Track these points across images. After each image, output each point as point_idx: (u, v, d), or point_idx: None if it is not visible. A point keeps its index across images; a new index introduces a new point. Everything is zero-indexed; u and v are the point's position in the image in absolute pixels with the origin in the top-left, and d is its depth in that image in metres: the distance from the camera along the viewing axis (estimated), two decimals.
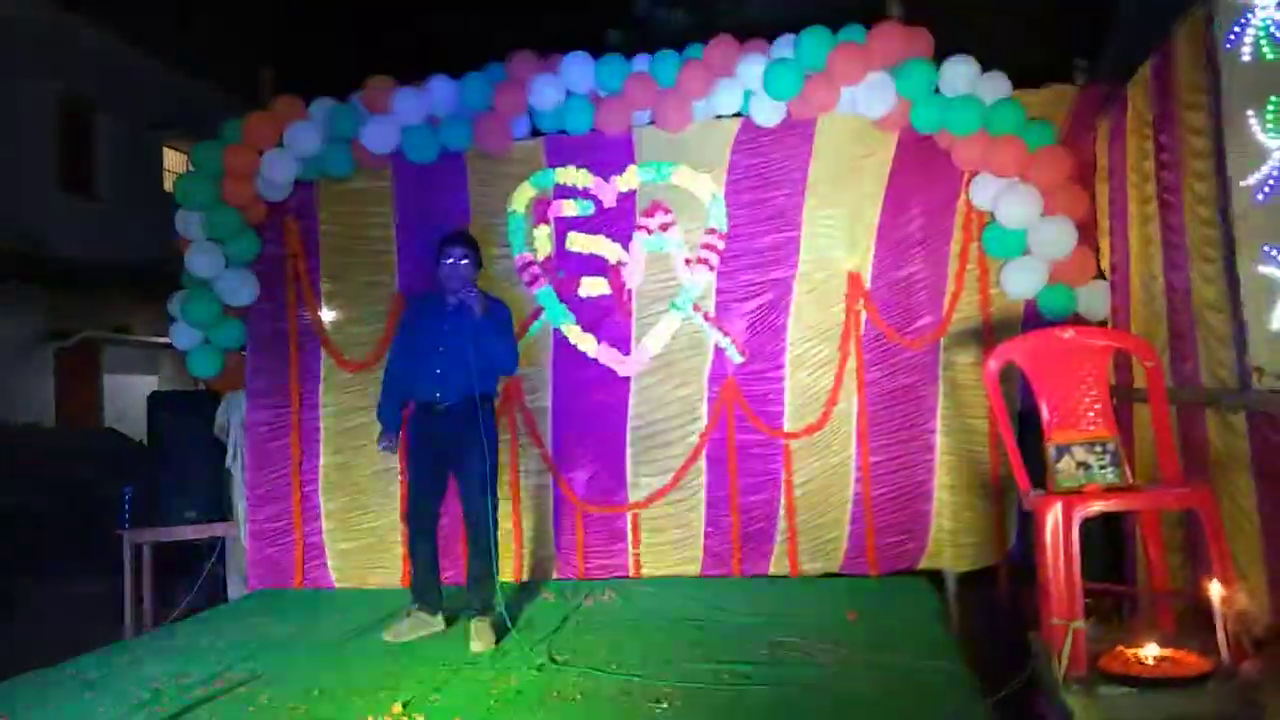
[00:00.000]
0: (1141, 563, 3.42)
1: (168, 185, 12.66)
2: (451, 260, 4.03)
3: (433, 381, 4.04)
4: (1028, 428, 3.53)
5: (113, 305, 11.96)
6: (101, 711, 3.29)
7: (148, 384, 11.81)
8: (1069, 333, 2.98)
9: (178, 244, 5.21)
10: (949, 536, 4.69)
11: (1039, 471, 3.08)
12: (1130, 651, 2.63)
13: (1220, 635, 2.47)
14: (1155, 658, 2.59)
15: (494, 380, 4.22)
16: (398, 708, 3.17)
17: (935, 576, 4.66)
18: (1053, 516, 2.62)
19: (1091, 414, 2.88)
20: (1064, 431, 2.89)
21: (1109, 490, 2.78)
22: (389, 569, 5.07)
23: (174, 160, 13.24)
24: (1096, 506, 2.66)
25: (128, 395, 11.40)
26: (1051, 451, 2.90)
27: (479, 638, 3.86)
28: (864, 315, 4.77)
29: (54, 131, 11.48)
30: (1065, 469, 2.85)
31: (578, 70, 4.79)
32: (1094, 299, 4.38)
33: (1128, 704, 2.48)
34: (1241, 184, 2.79)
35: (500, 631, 3.95)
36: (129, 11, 11.58)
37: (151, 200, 12.03)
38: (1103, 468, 2.83)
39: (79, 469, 7.10)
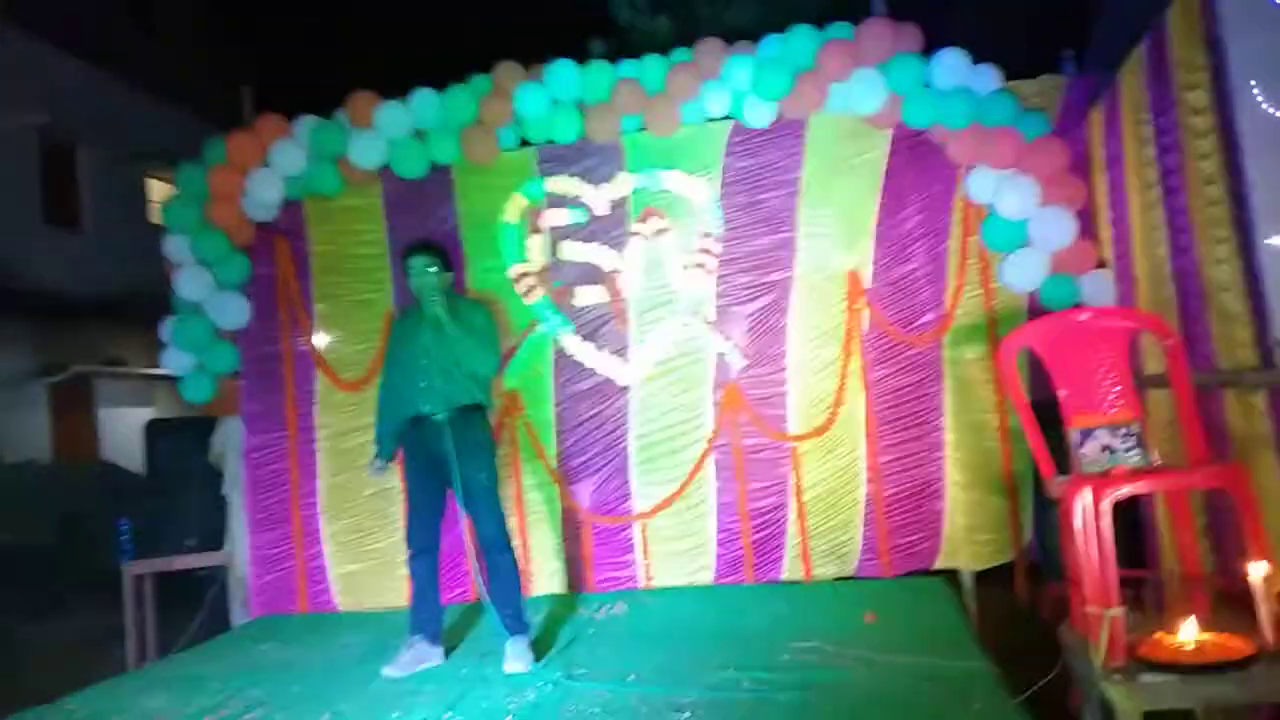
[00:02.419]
0: (1168, 547, 3.36)
1: (153, 216, 12.59)
2: (417, 271, 3.95)
3: (420, 395, 3.94)
4: (1039, 419, 3.47)
5: (103, 338, 11.87)
6: None
7: (142, 415, 11.68)
8: (1085, 315, 2.93)
9: (166, 273, 5.13)
10: (963, 534, 4.63)
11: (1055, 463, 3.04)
12: (1169, 638, 2.56)
13: (1262, 616, 2.41)
14: (1196, 643, 2.52)
15: (484, 388, 4.11)
16: None
17: (951, 576, 4.60)
18: (1081, 502, 2.55)
19: (1113, 396, 2.82)
20: (1085, 416, 2.83)
21: (1137, 473, 2.72)
22: (395, 591, 4.97)
23: (159, 190, 13.17)
24: (1127, 489, 2.59)
25: (123, 428, 11.29)
26: (1074, 436, 2.85)
27: (515, 658, 3.74)
28: (866, 314, 4.72)
29: (36, 166, 11.40)
30: (1090, 453, 2.79)
31: (563, 78, 4.74)
32: (1098, 288, 4.33)
33: (1172, 691, 2.41)
34: (1253, 157, 2.74)
35: (537, 649, 3.86)
36: (104, 42, 11.54)
37: (137, 231, 11.96)
38: (1128, 450, 2.77)
39: (77, 503, 7.00)
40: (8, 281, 10.17)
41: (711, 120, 4.77)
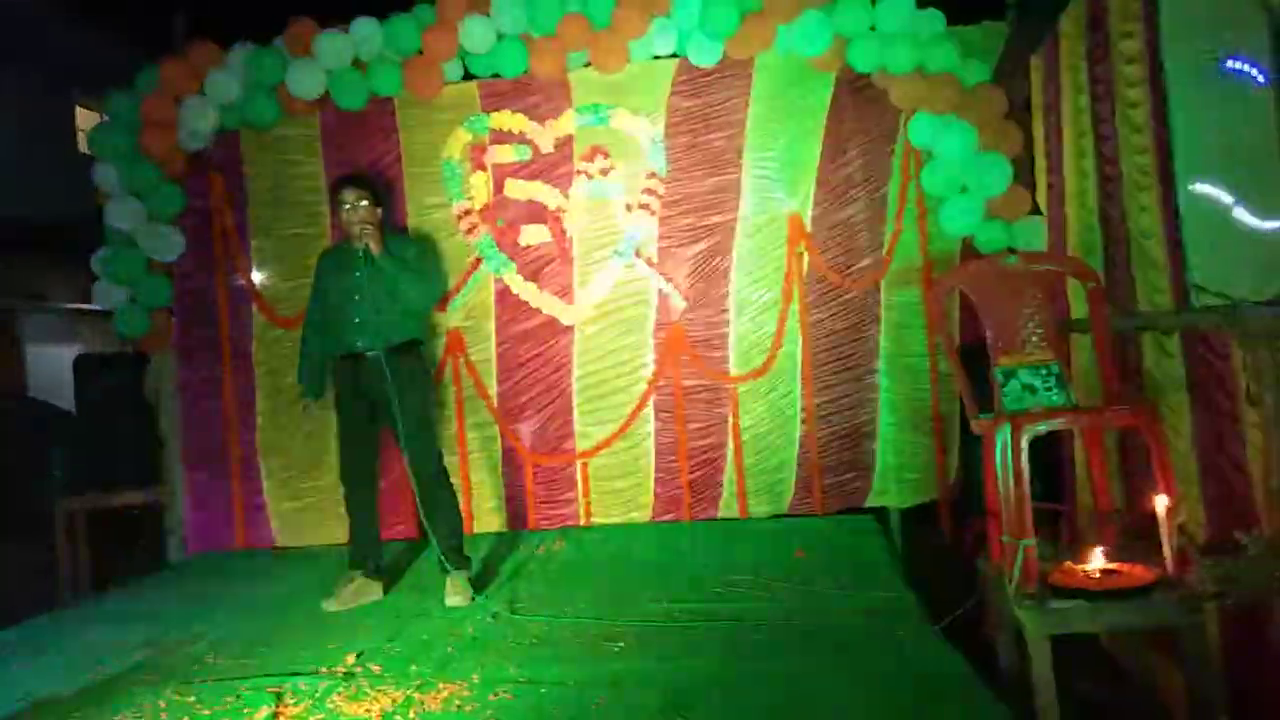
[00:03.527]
0: (1083, 484, 3.51)
1: (81, 146, 12.11)
2: (348, 205, 3.89)
3: (353, 331, 3.91)
4: (968, 362, 3.57)
5: (26, 272, 11.46)
6: (39, 677, 3.18)
7: (69, 353, 11.36)
8: (1012, 258, 3.00)
9: (95, 202, 4.98)
10: (893, 474, 4.77)
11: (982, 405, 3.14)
12: (1078, 567, 2.70)
13: (1165, 547, 2.54)
14: (1102, 571, 2.66)
15: (418, 323, 4.10)
16: (351, 658, 3.13)
17: (882, 514, 4.75)
18: (1001, 437, 2.66)
19: (1035, 338, 2.92)
20: (1009, 355, 2.93)
21: (1054, 411, 2.83)
22: (334, 527, 4.96)
23: (87, 120, 12.66)
24: (1043, 426, 2.70)
25: (48, 364, 10.98)
26: (997, 375, 2.94)
27: (455, 592, 3.78)
28: (806, 258, 4.78)
29: None
30: (1011, 392, 2.89)
31: (510, 11, 4.64)
32: (1030, 234, 4.43)
33: (1078, 615, 2.55)
34: (1180, 106, 2.82)
35: (477, 584, 3.90)
36: None
37: (64, 162, 11.51)
38: (1048, 389, 2.88)
39: (5, 439, 6.83)
40: None
41: (658, 58, 4.74)
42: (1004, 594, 2.70)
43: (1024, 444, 2.63)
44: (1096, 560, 2.69)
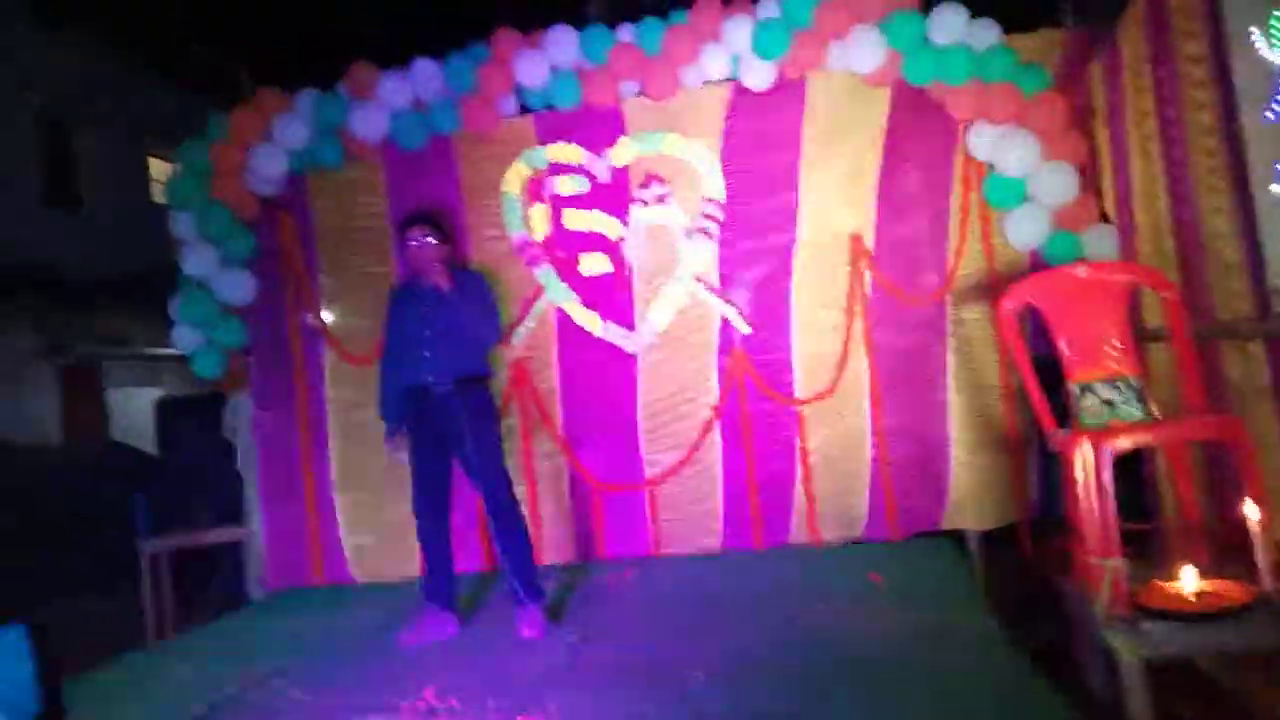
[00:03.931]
0: (1168, 499, 3.39)
1: (155, 196, 12.57)
2: (415, 242, 3.98)
3: (423, 365, 3.97)
4: (1040, 378, 3.49)
5: (108, 319, 11.90)
6: (131, 717, 3.26)
7: (149, 395, 11.75)
8: (1083, 269, 2.93)
9: (170, 252, 5.16)
10: (969, 495, 4.66)
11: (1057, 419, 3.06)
12: (1169, 586, 2.60)
13: (1260, 562, 2.44)
14: (1196, 591, 2.56)
15: (484, 355, 4.14)
16: (430, 692, 3.15)
17: (958, 537, 4.64)
18: (1081, 455, 2.58)
19: (1112, 350, 2.84)
20: (1086, 370, 2.85)
21: (1136, 426, 2.75)
22: (408, 561, 5.01)
23: (160, 170, 13.16)
24: (1125, 441, 2.62)
25: (130, 408, 11.36)
26: (1074, 390, 2.87)
27: (529, 623, 3.80)
28: (868, 276, 4.73)
29: (37, 148, 11.39)
30: (1089, 407, 2.81)
31: (562, 44, 4.72)
32: (1100, 244, 4.32)
33: (1173, 638, 2.45)
34: (1250, 105, 2.74)
35: (550, 615, 3.91)
36: (102, 23, 11.47)
37: (140, 212, 11.98)
38: (1127, 404, 2.79)
39: (89, 483, 7.06)
40: (11, 264, 10.20)
41: (710, 83, 4.76)
42: (1092, 617, 2.61)
43: (1106, 461, 2.55)
44: (1188, 579, 2.58)
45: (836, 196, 4.73)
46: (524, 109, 4.92)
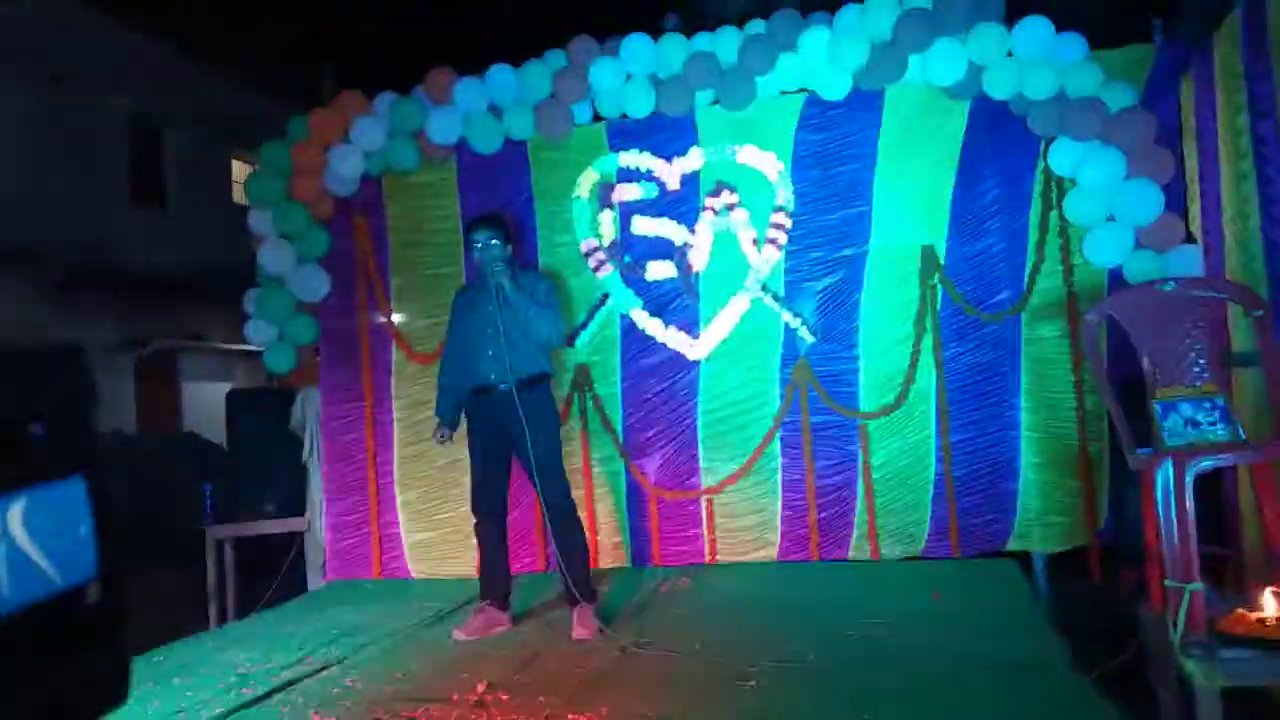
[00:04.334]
0: (1250, 525, 3.25)
1: (236, 196, 12.93)
2: (480, 244, 4.00)
3: (486, 364, 3.99)
4: (1118, 399, 3.38)
5: (187, 314, 12.28)
6: (190, 695, 3.32)
7: (221, 389, 12.05)
8: (1170, 284, 2.83)
9: (247, 252, 5.30)
10: (1037, 516, 4.54)
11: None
12: (1250, 614, 2.49)
13: None
14: (1278, 619, 2.44)
15: (547, 357, 4.15)
16: (482, 686, 3.14)
17: (1023, 559, 4.51)
18: (1163, 474, 2.48)
19: (1197, 369, 2.74)
20: (1169, 388, 2.75)
21: (1221, 446, 2.64)
22: (465, 559, 5.05)
23: (241, 171, 13.54)
24: (1209, 461, 2.52)
25: (203, 401, 11.68)
26: (1157, 409, 2.76)
27: (583, 625, 3.79)
28: (940, 290, 4.64)
29: (125, 150, 11.82)
30: (1172, 426, 2.71)
31: (637, 53, 4.74)
32: (1184, 264, 4.18)
33: (1253, 667, 2.34)
34: None
35: (603, 618, 3.90)
36: (190, 26, 11.87)
37: (221, 211, 12.34)
38: (1212, 424, 2.68)
39: (163, 470, 7.27)
40: (97, 259, 10.59)
41: (785, 93, 4.73)
42: (1168, 643, 2.51)
43: (1188, 481, 2.45)
44: (1271, 606, 2.46)
45: (910, 209, 4.67)
46: (597, 116, 4.96)
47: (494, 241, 4.01)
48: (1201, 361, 2.76)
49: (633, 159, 4.96)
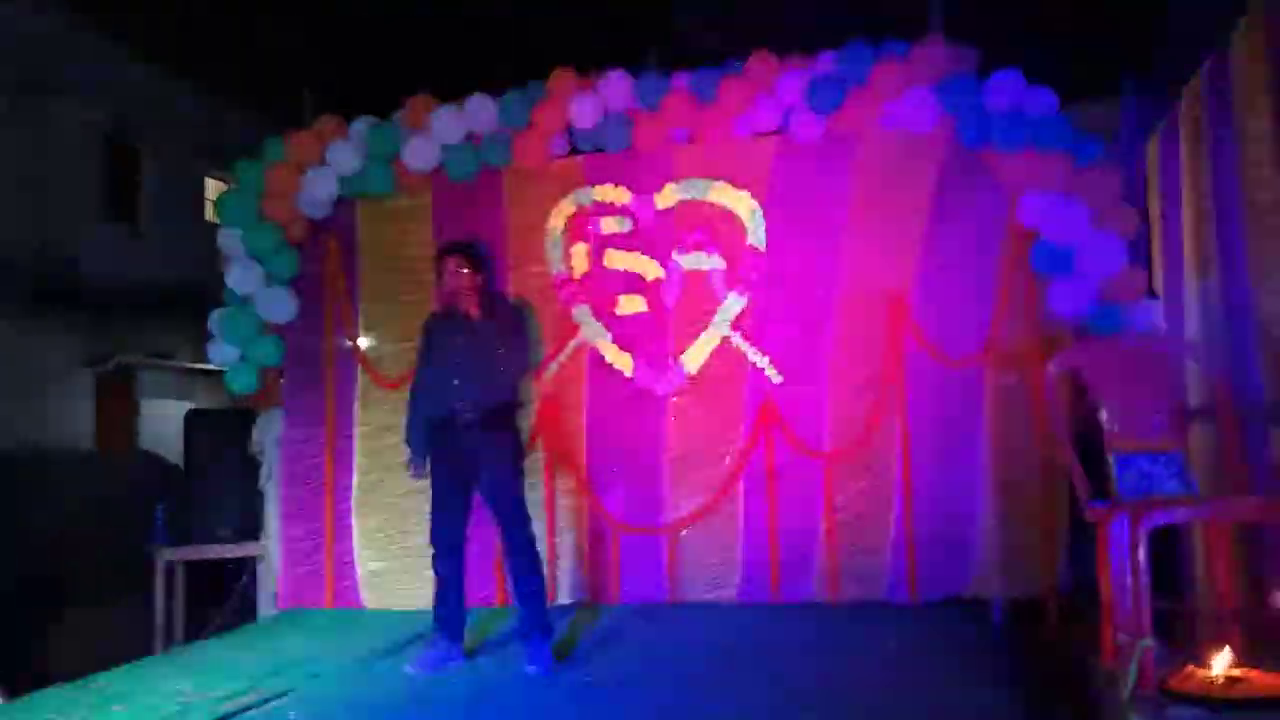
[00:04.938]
0: (1202, 579, 3.27)
1: (208, 214, 12.83)
2: (450, 271, 3.97)
3: (451, 394, 3.93)
4: (1077, 449, 3.40)
5: (149, 332, 12.10)
6: None
7: (183, 408, 11.87)
8: (1133, 339, 2.86)
9: (217, 271, 5.24)
10: (996, 563, 4.53)
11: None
12: (1200, 671, 2.48)
13: None
14: (1227, 677, 2.44)
15: (514, 388, 4.10)
16: None
17: (981, 605, 4.50)
18: (1118, 528, 2.49)
19: (1155, 424, 2.76)
20: (1128, 441, 2.77)
21: (1177, 500, 2.65)
22: (421, 590, 4.97)
23: (215, 190, 13.44)
24: (1164, 517, 2.53)
25: (163, 420, 11.48)
26: (1114, 462, 2.78)
27: (537, 660, 3.73)
28: (907, 335, 4.66)
29: (98, 163, 11.70)
30: (1128, 479, 2.72)
31: (616, 88, 4.78)
32: (1145, 318, 4.23)
33: None
34: None
35: (558, 654, 3.84)
36: (170, 43, 11.81)
37: (192, 229, 12.22)
38: (1169, 478, 2.70)
39: (116, 490, 7.13)
40: (63, 274, 10.44)
41: (760, 134, 4.78)
42: (1117, 699, 2.50)
43: (1142, 536, 2.45)
44: (1221, 664, 2.46)
45: (880, 254, 4.70)
46: (574, 149, 4.97)
47: (464, 270, 3.97)
48: (1159, 416, 2.78)
49: (608, 193, 4.97)
